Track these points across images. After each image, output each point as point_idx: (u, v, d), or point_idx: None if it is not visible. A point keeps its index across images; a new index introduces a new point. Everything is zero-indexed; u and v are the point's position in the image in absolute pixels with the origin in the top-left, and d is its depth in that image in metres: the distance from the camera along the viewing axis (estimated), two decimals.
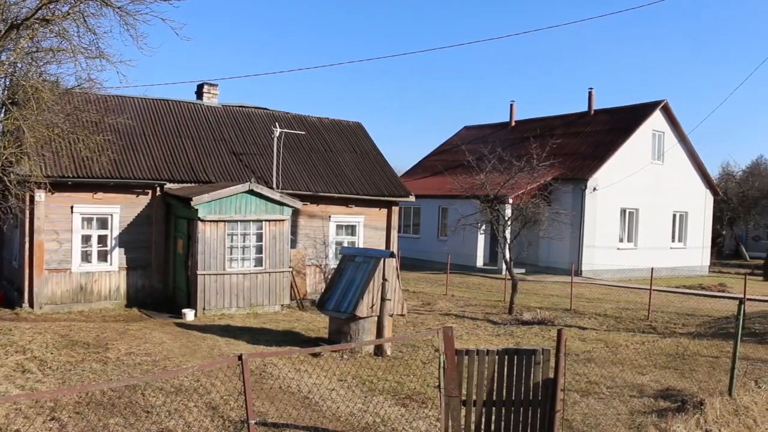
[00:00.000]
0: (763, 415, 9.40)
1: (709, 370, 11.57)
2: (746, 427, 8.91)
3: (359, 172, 21.45)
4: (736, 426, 8.82)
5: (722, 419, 8.83)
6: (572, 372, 10.96)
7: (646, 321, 17.62)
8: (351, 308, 12.24)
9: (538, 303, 20.11)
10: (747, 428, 8.90)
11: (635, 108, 33.37)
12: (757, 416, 9.27)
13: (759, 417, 9.27)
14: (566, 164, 30.07)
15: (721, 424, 8.71)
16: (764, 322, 17.19)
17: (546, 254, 30.21)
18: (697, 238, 35.55)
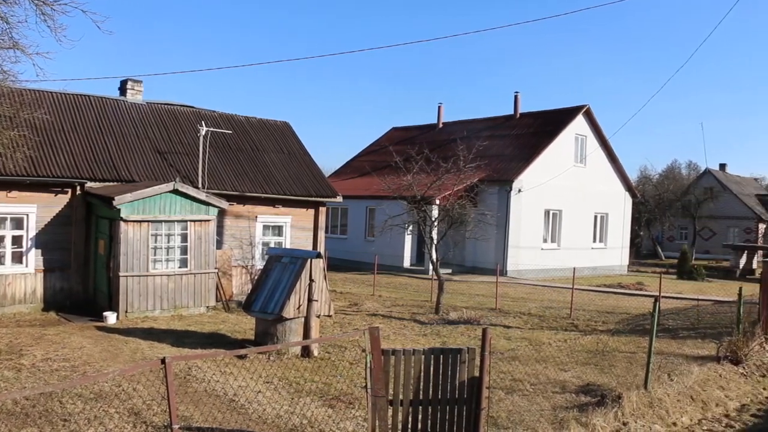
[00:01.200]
0: (675, 406, 9.80)
1: (627, 365, 11.95)
2: (660, 418, 9.27)
3: (286, 172, 21.29)
4: (650, 417, 9.16)
5: (638, 411, 9.16)
6: (497, 370, 11.14)
7: (569, 319, 18.08)
8: (277, 309, 12.14)
9: (464, 303, 20.38)
10: (660, 419, 9.26)
11: (559, 112, 34.24)
12: (670, 407, 9.66)
13: (671, 408, 9.66)
14: (492, 166, 30.58)
15: (637, 416, 9.03)
16: (677, 319, 17.90)
17: (472, 254, 30.67)
18: (617, 239, 36.73)
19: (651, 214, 52.03)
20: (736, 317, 14.23)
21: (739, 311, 14.25)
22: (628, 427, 8.69)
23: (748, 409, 10.67)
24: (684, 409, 9.85)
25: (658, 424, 9.06)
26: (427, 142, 34.36)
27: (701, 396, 10.52)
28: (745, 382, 12.07)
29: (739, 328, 13.77)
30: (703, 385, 11.00)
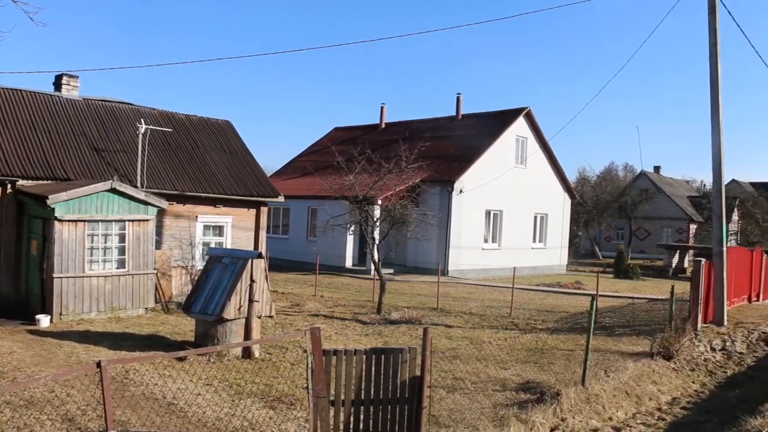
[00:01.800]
0: (611, 401, 10.06)
1: (565, 363, 12.19)
2: (596, 413, 9.50)
3: (228, 171, 21.03)
4: (587, 413, 9.37)
5: (576, 407, 9.36)
6: (439, 369, 11.22)
7: (509, 318, 18.33)
8: (218, 310, 11.99)
9: (406, 302, 20.48)
10: (597, 414, 9.49)
11: (500, 114, 34.70)
12: (606, 402, 9.91)
13: (607, 403, 9.92)
14: (434, 167, 30.79)
15: (575, 412, 9.23)
16: (614, 317, 18.34)
17: (414, 254, 30.82)
18: (556, 239, 37.42)
19: (589, 214, 53.21)
20: (669, 315, 14.68)
21: (672, 309, 14.70)
22: (567, 422, 8.87)
23: (678, 402, 11.04)
24: (619, 404, 10.11)
25: (595, 419, 9.28)
26: (370, 142, 34.38)
27: (636, 391, 10.82)
28: (676, 376, 12.47)
29: (671, 325, 14.21)
30: (638, 381, 11.31)
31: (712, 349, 14.84)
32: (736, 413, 9.13)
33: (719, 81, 16.79)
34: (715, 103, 16.85)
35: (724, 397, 11.38)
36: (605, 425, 9.23)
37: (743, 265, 20.73)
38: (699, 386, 12.24)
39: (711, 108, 16.95)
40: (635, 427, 9.39)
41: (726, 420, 9.23)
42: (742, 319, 17.57)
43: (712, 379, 12.82)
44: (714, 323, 16.69)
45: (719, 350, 14.91)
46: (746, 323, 17.03)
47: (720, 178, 17.16)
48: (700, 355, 14.20)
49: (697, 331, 15.40)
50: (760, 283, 22.56)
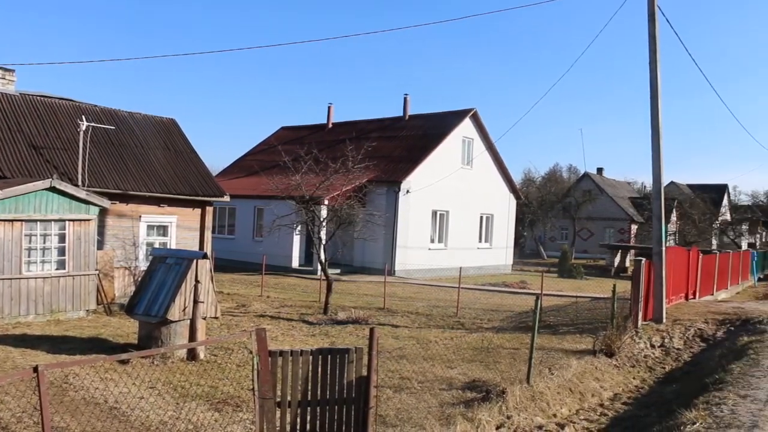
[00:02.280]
0: (555, 398, 10.22)
1: (511, 361, 12.34)
2: (541, 410, 9.64)
3: (172, 170, 20.69)
4: (532, 410, 9.51)
5: (521, 405, 9.48)
6: (385, 369, 11.24)
7: (455, 317, 18.47)
8: (162, 312, 11.78)
9: (353, 302, 20.46)
10: (542, 411, 9.64)
11: (447, 115, 34.95)
12: (550, 400, 10.07)
13: (551, 400, 10.08)
14: (381, 167, 30.85)
15: (520, 409, 9.35)
16: (558, 315, 18.65)
17: (360, 255, 30.83)
18: (502, 239, 37.88)
19: (534, 215, 54.03)
20: (611, 313, 14.99)
21: (613, 307, 15.02)
22: (512, 420, 8.97)
23: (620, 397, 11.29)
24: (563, 401, 10.29)
25: (539, 416, 9.42)
26: (317, 142, 34.33)
27: (579, 388, 11.02)
28: (618, 372, 12.75)
29: (613, 323, 14.52)
30: (581, 378, 11.53)
31: (652, 345, 15.23)
32: (673, 407, 9.38)
33: (658, 86, 17.23)
34: (655, 107, 17.28)
35: (663, 391, 11.68)
36: (549, 422, 9.37)
37: (681, 264, 21.33)
38: (639, 382, 12.54)
39: (651, 112, 17.38)
40: (578, 423, 9.55)
41: (664, 413, 9.47)
42: (680, 316, 18.07)
43: (652, 375, 13.15)
44: (654, 321, 17.12)
45: (658, 347, 15.31)
46: (683, 320, 17.53)
47: (659, 180, 17.61)
48: (641, 351, 14.55)
49: (638, 329, 15.78)
50: (697, 281, 23.25)
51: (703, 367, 12.96)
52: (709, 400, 9.21)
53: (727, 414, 8.39)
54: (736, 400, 9.13)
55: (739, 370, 11.23)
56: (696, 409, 8.65)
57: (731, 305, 21.44)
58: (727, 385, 10.13)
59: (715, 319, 17.87)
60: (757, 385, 10.09)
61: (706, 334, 16.61)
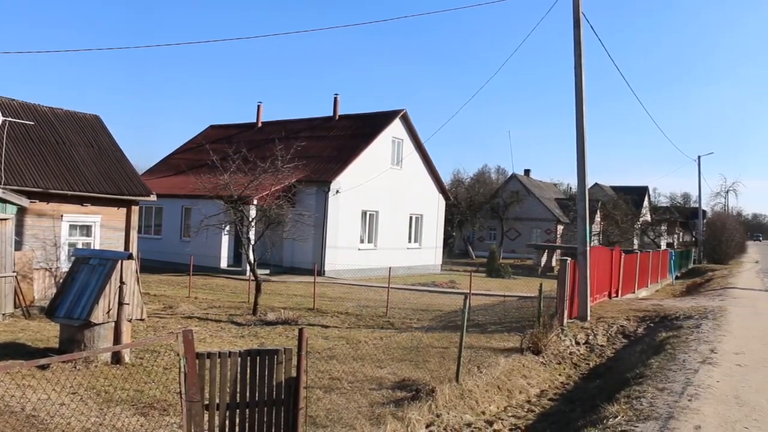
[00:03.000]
0: (483, 396, 10.37)
1: (440, 360, 12.44)
2: (470, 408, 9.76)
3: (96, 168, 20.08)
4: (462, 408, 9.61)
5: (451, 403, 9.57)
6: (315, 369, 11.17)
7: (385, 317, 18.52)
8: (85, 314, 11.41)
9: (282, 303, 20.30)
10: (471, 409, 9.75)
11: (377, 116, 35.05)
12: (479, 397, 10.21)
13: (480, 398, 10.22)
14: (311, 167, 30.72)
15: (449, 407, 9.43)
16: (486, 314, 18.91)
17: (290, 255, 30.62)
18: (431, 239, 38.21)
19: (463, 215, 54.72)
20: (537, 311, 15.30)
21: (540, 306, 15.33)
22: (441, 418, 9.04)
23: (546, 394, 11.53)
24: (492, 399, 10.43)
25: (468, 414, 9.52)
26: (246, 141, 33.93)
27: (507, 385, 11.20)
28: (545, 370, 13.01)
29: (540, 321, 14.82)
30: (509, 375, 11.71)
31: (577, 343, 15.62)
32: (597, 401, 9.64)
33: (583, 90, 17.68)
34: (580, 111, 17.72)
35: (587, 387, 11.98)
36: (478, 419, 9.49)
37: (604, 263, 21.95)
38: (565, 378, 12.83)
39: (576, 115, 17.81)
40: (506, 420, 9.71)
41: (588, 408, 9.71)
42: (603, 314, 18.57)
43: (577, 371, 13.48)
44: (579, 319, 17.55)
45: (583, 344, 15.71)
46: (607, 318, 18.02)
47: (584, 182, 18.06)
48: (566, 348, 14.90)
49: (564, 327, 16.15)
50: (619, 280, 23.97)
51: (624, 363, 13.35)
52: (630, 394, 9.50)
53: (646, 407, 8.67)
54: (655, 393, 9.45)
55: (657, 365, 11.61)
56: (618, 403, 8.92)
57: (651, 303, 22.16)
58: (646, 379, 10.47)
59: (636, 316, 18.43)
60: (673, 378, 10.46)
61: (627, 330, 17.13)
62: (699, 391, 9.53)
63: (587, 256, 17.84)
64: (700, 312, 18.86)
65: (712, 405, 8.85)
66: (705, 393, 9.46)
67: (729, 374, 10.92)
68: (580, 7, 17.49)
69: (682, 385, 9.97)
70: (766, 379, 10.83)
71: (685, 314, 18.42)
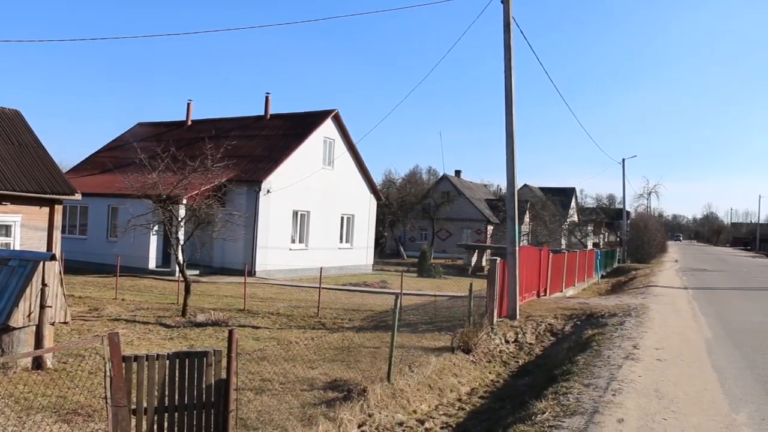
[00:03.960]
0: (415, 395, 10.43)
1: (372, 360, 12.47)
2: (402, 407, 9.81)
3: (16, 165, 19.32)
4: (393, 407, 9.65)
5: (382, 403, 9.59)
6: (246, 371, 11.05)
7: (316, 318, 18.45)
8: (3, 318, 10.97)
9: (213, 304, 19.99)
10: (402, 408, 9.80)
11: (309, 115, 34.89)
12: (411, 397, 10.27)
13: (412, 397, 10.28)
14: (241, 166, 30.36)
15: (381, 407, 9.46)
16: (417, 314, 19.05)
17: (220, 255, 30.18)
18: (363, 239, 38.24)
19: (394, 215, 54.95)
20: (468, 311, 15.48)
21: (470, 305, 15.53)
22: (374, 418, 9.06)
23: (477, 392, 11.69)
24: (423, 398, 10.51)
25: (400, 413, 9.57)
26: (175, 139, 33.23)
27: (438, 384, 11.30)
28: (475, 368, 13.18)
29: (470, 321, 15.00)
30: (440, 374, 11.82)
31: (506, 341, 15.89)
32: (526, 398, 9.82)
33: (513, 92, 17.99)
34: (509, 113, 18.03)
35: (516, 384, 12.20)
36: (410, 418, 9.54)
37: (533, 263, 22.39)
38: (495, 376, 13.03)
39: (506, 117, 18.12)
40: (438, 419, 9.79)
41: (517, 405, 9.89)
42: (532, 312, 18.95)
43: (506, 369, 13.71)
44: (508, 317, 17.86)
45: (512, 342, 15.99)
46: (535, 316, 18.40)
47: (513, 183, 18.38)
48: (496, 347, 15.13)
49: (494, 325, 16.40)
50: (548, 279, 24.50)
51: (552, 360, 13.65)
52: (557, 390, 9.71)
53: (573, 402, 8.88)
54: (581, 389, 9.69)
55: (583, 361, 11.91)
56: (546, 400, 9.12)
57: (578, 301, 22.74)
58: (573, 376, 10.73)
59: (563, 314, 18.87)
60: (598, 374, 10.75)
61: (555, 328, 17.53)
62: (622, 386, 9.82)
63: (516, 256, 18.16)
64: (623, 310, 19.44)
65: (634, 399, 9.14)
66: (628, 387, 9.76)
67: (650, 369, 11.29)
68: (510, 12, 17.80)
69: (607, 380, 10.25)
70: (683, 372, 11.25)
71: (610, 312, 18.96)
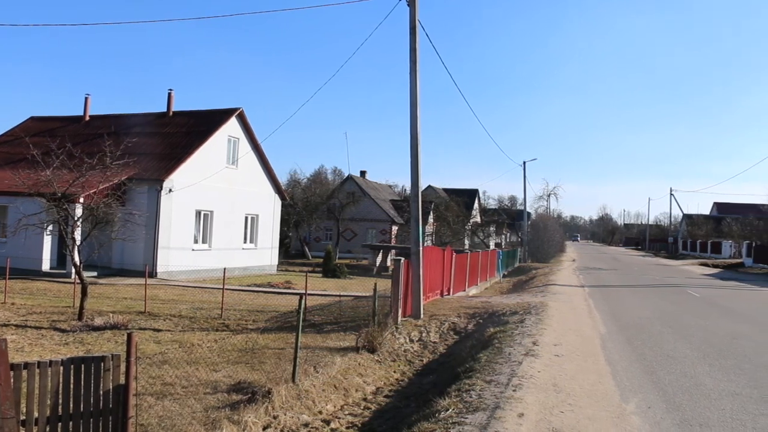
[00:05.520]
0: (320, 395, 10.41)
1: (276, 361, 12.35)
2: (307, 408, 9.77)
3: None
4: (299, 408, 9.60)
5: (287, 404, 9.53)
6: (147, 375, 10.74)
7: (220, 319, 18.13)
8: None
9: (111, 307, 19.33)
10: (308, 409, 9.77)
11: (213, 113, 34.26)
12: (316, 397, 10.25)
13: (317, 398, 10.26)
14: (143, 164, 29.51)
15: (286, 408, 9.39)
16: (322, 314, 19.03)
17: (120, 256, 29.21)
18: (267, 240, 37.87)
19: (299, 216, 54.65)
20: (372, 310, 15.58)
21: (375, 305, 15.63)
22: (278, 420, 8.98)
23: (382, 391, 11.77)
24: (329, 398, 10.49)
25: (305, 414, 9.52)
26: (71, 135, 31.96)
27: (343, 384, 11.31)
28: (380, 367, 13.27)
29: (375, 320, 15.10)
30: (345, 374, 11.84)
31: (411, 340, 16.06)
32: (430, 396, 9.97)
33: (417, 94, 18.22)
34: (414, 115, 18.25)
35: (421, 382, 12.35)
36: (316, 419, 9.51)
37: (437, 262, 22.74)
38: (399, 375, 13.15)
39: (410, 119, 18.32)
40: (343, 418, 9.80)
41: (421, 403, 10.02)
42: (436, 311, 19.24)
43: (411, 368, 13.85)
44: (412, 317, 18.07)
45: (417, 341, 16.17)
46: (439, 315, 18.69)
47: (417, 184, 18.61)
48: (401, 346, 15.28)
49: (398, 325, 16.55)
50: (451, 278, 24.95)
51: (456, 358, 13.91)
52: (460, 388, 9.91)
53: (475, 399, 9.08)
54: (483, 385, 9.92)
55: (485, 359, 12.20)
56: (449, 397, 9.29)
57: (480, 300, 23.25)
58: (475, 373, 10.97)
59: (466, 313, 19.25)
60: (500, 371, 11.03)
61: (459, 327, 17.85)
62: (522, 382, 10.11)
63: (420, 256, 18.40)
64: (524, 308, 20.02)
65: (533, 393, 9.43)
66: (528, 383, 10.06)
67: (549, 364, 11.67)
68: (417, 15, 18.02)
69: (508, 376, 10.53)
70: (579, 367, 11.69)
71: (511, 310, 19.48)
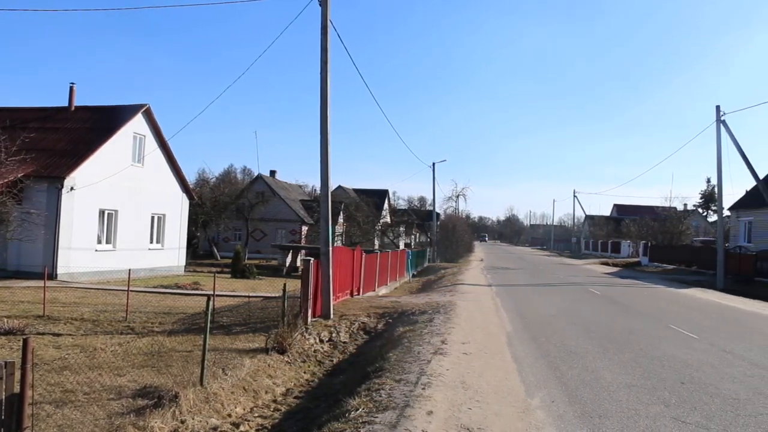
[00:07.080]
0: (229, 398, 10.29)
1: (184, 364, 12.11)
2: (216, 411, 9.64)
3: None
4: (207, 412, 9.46)
5: (195, 408, 9.37)
6: (45, 383, 10.32)
7: (125, 322, 17.60)
8: None
9: (7, 311, 18.44)
10: (216, 412, 9.64)
11: (118, 109, 33.17)
12: (225, 400, 10.13)
13: (226, 400, 10.14)
14: (41, 161, 28.30)
15: (194, 412, 9.23)
16: (231, 315, 18.76)
17: (16, 257, 27.91)
18: (174, 240, 37.01)
19: (208, 215, 53.63)
20: (282, 311, 15.50)
21: (284, 305, 15.56)
22: (186, 424, 8.82)
23: (292, 392, 11.74)
24: (238, 400, 10.38)
25: (214, 418, 9.39)
26: None
27: (253, 386, 11.22)
28: (290, 368, 13.23)
29: (284, 321, 15.03)
30: (255, 376, 11.74)
31: (321, 340, 16.07)
32: (340, 396, 10.01)
33: (328, 94, 18.23)
34: (324, 115, 18.25)
35: (331, 383, 12.37)
36: (225, 422, 9.39)
37: (347, 263, 22.81)
38: (310, 376, 13.14)
39: (320, 119, 18.32)
40: (253, 421, 9.72)
41: (332, 403, 10.05)
42: (346, 311, 19.30)
43: (321, 368, 13.86)
44: (322, 317, 18.07)
45: (327, 341, 16.19)
46: (349, 315, 18.76)
47: (327, 184, 18.62)
48: (311, 347, 15.26)
49: (308, 325, 16.52)
50: (361, 278, 25.07)
51: (366, 358, 14.00)
52: (370, 387, 9.99)
53: (385, 398, 9.18)
54: (393, 384, 10.04)
55: (395, 358, 12.34)
56: (359, 396, 9.35)
57: (390, 299, 23.47)
58: (385, 372, 11.08)
59: (376, 312, 19.40)
60: (409, 369, 11.19)
61: (369, 327, 17.97)
62: (431, 380, 10.29)
63: (330, 256, 18.41)
64: (433, 307, 20.35)
65: (442, 391, 9.61)
66: (436, 381, 10.24)
67: (457, 362, 11.91)
68: (328, 15, 18.03)
69: (417, 375, 10.69)
70: (486, 364, 11.98)
71: (420, 310, 19.75)
